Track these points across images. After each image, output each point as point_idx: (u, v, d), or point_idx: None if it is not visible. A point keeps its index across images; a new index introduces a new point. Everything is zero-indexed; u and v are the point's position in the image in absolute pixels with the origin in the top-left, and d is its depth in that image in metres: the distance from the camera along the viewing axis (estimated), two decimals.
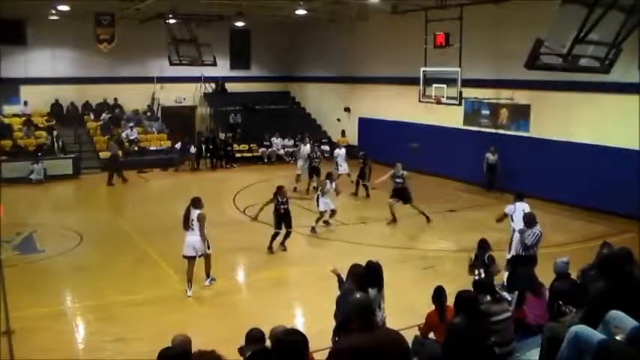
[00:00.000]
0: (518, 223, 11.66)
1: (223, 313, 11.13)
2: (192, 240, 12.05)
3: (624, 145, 17.53)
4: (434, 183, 20.35)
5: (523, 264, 10.37)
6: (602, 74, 13.14)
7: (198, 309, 11.36)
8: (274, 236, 14.90)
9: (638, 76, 16.74)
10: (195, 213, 12.07)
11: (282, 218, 14.85)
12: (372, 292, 7.40)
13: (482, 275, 9.80)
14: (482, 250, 10.27)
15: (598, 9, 10.97)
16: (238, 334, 6.50)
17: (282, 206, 14.82)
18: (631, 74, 16.69)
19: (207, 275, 12.52)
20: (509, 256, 11.80)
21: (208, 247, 12.22)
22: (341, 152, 22.41)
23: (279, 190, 14.98)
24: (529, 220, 11.02)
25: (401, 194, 17.38)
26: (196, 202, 12.20)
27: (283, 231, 14.95)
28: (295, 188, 21.68)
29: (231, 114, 30.86)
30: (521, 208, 12.30)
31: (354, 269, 7.62)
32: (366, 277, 7.53)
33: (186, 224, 12.11)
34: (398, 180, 17.36)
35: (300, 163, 22.78)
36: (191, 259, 12.08)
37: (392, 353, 4.51)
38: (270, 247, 14.83)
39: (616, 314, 5.28)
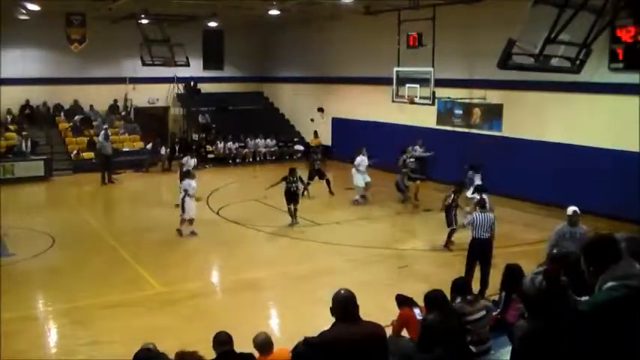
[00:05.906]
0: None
1: (197, 315, 11.03)
2: None
3: (595, 144, 17.74)
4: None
5: None
6: (572, 74, 13.37)
7: (171, 311, 11.25)
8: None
9: (609, 76, 16.98)
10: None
11: (292, 196, 17.10)
12: None
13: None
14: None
15: (569, 10, 11.14)
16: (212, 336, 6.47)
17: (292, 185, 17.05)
18: (600, 74, 16.92)
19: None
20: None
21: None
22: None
23: (291, 171, 17.19)
24: None
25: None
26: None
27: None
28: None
29: (200, 114, 30.76)
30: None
31: None
32: None
33: None
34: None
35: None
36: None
37: (370, 343, 4.62)
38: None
39: None
